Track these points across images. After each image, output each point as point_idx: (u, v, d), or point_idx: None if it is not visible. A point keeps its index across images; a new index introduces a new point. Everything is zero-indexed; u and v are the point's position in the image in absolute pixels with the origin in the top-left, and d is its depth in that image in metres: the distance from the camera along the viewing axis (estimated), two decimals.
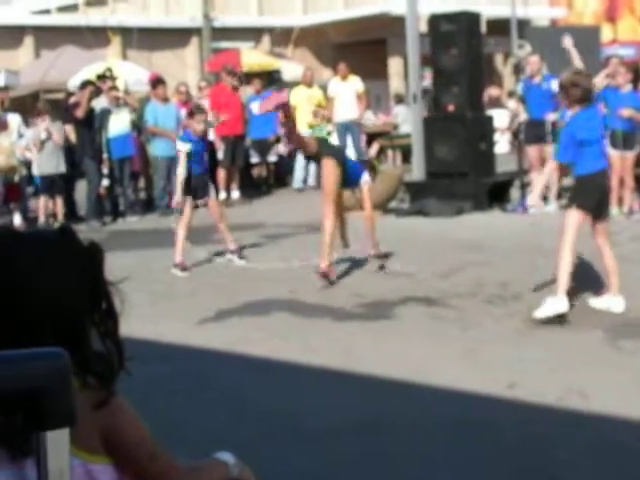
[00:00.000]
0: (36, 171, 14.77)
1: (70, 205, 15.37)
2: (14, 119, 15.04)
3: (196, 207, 10.60)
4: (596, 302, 7.85)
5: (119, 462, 2.09)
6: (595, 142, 7.75)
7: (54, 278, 2.02)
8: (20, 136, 14.69)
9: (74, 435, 1.96)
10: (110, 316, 2.11)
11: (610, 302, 7.75)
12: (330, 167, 9.45)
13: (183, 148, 10.51)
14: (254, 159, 18.40)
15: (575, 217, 7.56)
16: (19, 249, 2.04)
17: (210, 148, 12.81)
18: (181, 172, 10.46)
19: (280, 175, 19.14)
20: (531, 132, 13.89)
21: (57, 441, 1.29)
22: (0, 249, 2.02)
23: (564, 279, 7.46)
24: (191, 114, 10.78)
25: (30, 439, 1.91)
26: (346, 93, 17.72)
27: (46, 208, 14.78)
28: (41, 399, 1.28)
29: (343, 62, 18.17)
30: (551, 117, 13.54)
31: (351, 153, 17.84)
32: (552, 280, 7.86)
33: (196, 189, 10.50)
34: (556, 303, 7.41)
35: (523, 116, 14.33)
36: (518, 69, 15.97)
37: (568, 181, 8.33)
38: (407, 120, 18.96)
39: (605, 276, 7.95)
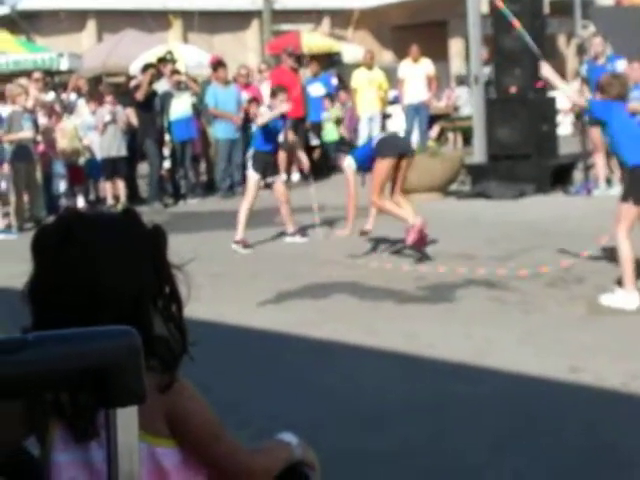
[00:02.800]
0: (99, 154, 14.94)
1: (132, 187, 15.53)
2: (81, 103, 15.27)
3: (266, 186, 10.70)
4: None
5: (184, 444, 2.10)
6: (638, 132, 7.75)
7: (118, 260, 2.03)
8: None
9: (140, 418, 1.98)
10: (174, 300, 2.11)
11: None
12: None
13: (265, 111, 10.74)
14: (314, 141, 18.39)
15: (631, 212, 7.52)
16: (83, 231, 2.05)
17: None
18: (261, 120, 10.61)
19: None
20: None
21: (127, 418, 1.31)
22: (66, 230, 2.04)
23: (629, 273, 7.41)
24: (273, 94, 10.95)
25: (94, 421, 1.93)
26: (417, 75, 17.63)
27: (110, 190, 14.96)
28: (112, 376, 1.29)
29: (415, 45, 18.04)
30: None
31: (416, 135, 17.81)
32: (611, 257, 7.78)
33: (266, 167, 10.59)
34: (626, 298, 7.36)
35: (588, 96, 14.12)
36: (581, 50, 15.73)
37: None
38: (468, 102, 18.82)
39: None
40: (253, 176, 10.73)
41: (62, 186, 14.19)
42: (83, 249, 2.01)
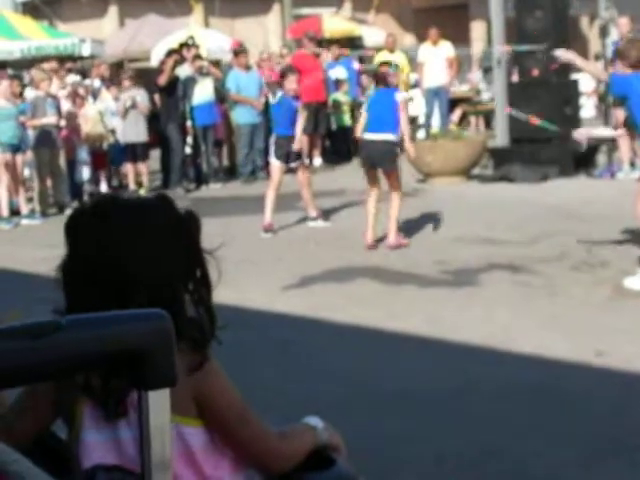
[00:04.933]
0: (121, 139, 14.98)
1: (165, 173, 15.53)
2: (103, 89, 15.32)
3: (289, 171, 10.73)
4: None
5: (210, 425, 2.12)
6: None
7: (151, 244, 2.06)
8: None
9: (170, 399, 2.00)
10: (204, 284, 2.14)
11: None
12: None
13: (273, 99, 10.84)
14: (334, 126, 18.36)
15: None
16: (118, 214, 2.08)
17: None
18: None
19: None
20: None
21: (158, 400, 1.32)
22: (102, 212, 2.07)
23: None
24: (283, 75, 10.96)
25: (124, 400, 1.95)
26: (436, 59, 17.54)
27: (132, 175, 15.01)
28: (144, 359, 1.30)
29: (434, 27, 17.95)
30: None
31: (437, 119, 17.73)
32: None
33: (289, 152, 10.61)
34: None
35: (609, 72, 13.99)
36: (604, 32, 15.62)
37: None
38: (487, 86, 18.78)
39: None
40: (275, 163, 10.76)
41: (86, 173, 14.23)
42: (118, 231, 2.04)
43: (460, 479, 4.36)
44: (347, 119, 17.81)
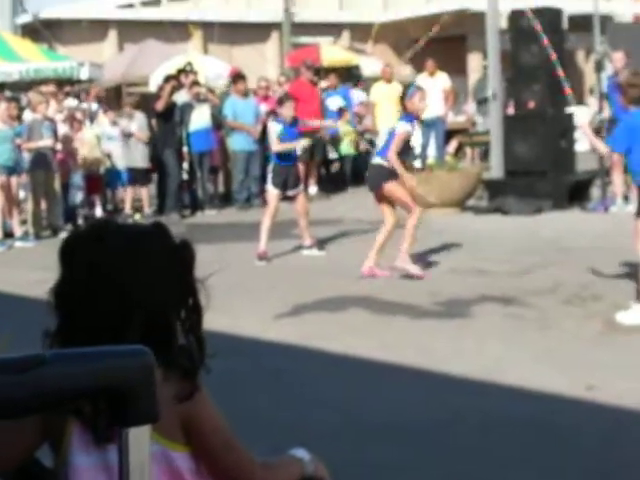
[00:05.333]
0: (119, 164, 15.02)
1: (161, 199, 15.57)
2: (100, 113, 15.37)
3: (286, 198, 10.75)
4: None
5: (196, 451, 2.12)
6: None
7: (145, 270, 2.07)
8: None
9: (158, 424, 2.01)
10: (195, 312, 2.15)
11: None
12: None
13: (275, 127, 10.80)
14: (332, 155, 18.41)
15: None
16: (114, 239, 2.09)
17: None
18: (277, 145, 10.71)
19: (357, 171, 19.12)
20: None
21: (139, 437, 1.32)
22: (97, 237, 2.08)
23: None
24: (280, 102, 11.03)
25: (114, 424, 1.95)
26: (433, 89, 17.59)
27: (130, 200, 15.05)
28: (126, 395, 1.31)
29: (430, 58, 18.04)
30: None
31: (433, 150, 17.77)
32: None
33: (286, 179, 10.65)
34: None
35: (607, 113, 14.08)
36: (599, 66, 15.71)
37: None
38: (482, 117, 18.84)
39: None
40: (273, 191, 10.78)
41: (79, 197, 14.25)
42: (113, 257, 2.05)
43: None
44: (347, 148, 17.87)
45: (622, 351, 6.72)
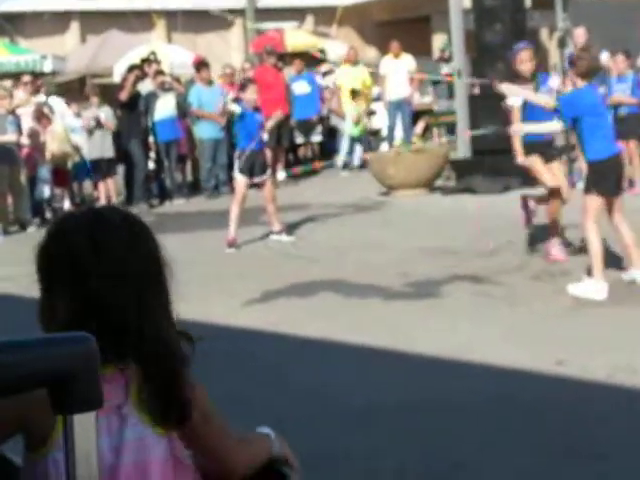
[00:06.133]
0: (87, 156, 14.93)
1: (129, 189, 15.49)
2: (58, 104, 15.21)
3: (253, 185, 10.72)
4: (626, 276, 7.82)
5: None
6: (603, 124, 7.87)
7: (118, 257, 2.05)
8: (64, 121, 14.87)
9: (149, 407, 2.02)
10: (167, 300, 2.14)
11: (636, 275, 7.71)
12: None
13: (235, 109, 10.78)
14: (299, 139, 18.40)
15: (595, 202, 7.66)
16: (75, 229, 2.07)
17: None
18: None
19: (325, 155, 19.13)
20: None
21: (84, 424, 1.31)
22: (92, 231, 2.06)
23: (598, 264, 7.52)
24: (242, 87, 11.00)
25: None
26: (398, 71, 17.60)
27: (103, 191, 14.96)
28: (68, 383, 1.30)
29: (395, 40, 18.03)
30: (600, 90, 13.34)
31: (400, 132, 17.79)
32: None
33: (253, 166, 10.62)
34: (595, 288, 7.44)
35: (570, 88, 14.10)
36: (563, 43, 15.77)
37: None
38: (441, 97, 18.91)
39: (625, 251, 7.90)
40: (240, 178, 10.75)
41: (46, 191, 14.15)
42: (80, 246, 2.02)
43: None
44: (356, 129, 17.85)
45: (591, 326, 6.77)
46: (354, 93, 17.60)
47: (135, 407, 2.03)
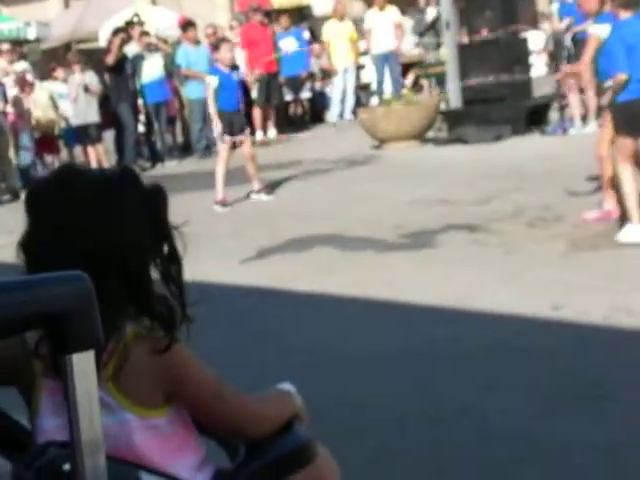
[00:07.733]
0: (74, 121, 14.84)
1: (119, 152, 15.42)
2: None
3: (234, 146, 10.65)
4: None
5: (185, 406, 2.08)
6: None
7: (116, 214, 2.00)
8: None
9: (129, 389, 1.96)
10: (173, 260, 2.09)
11: None
12: None
13: (212, 81, 10.63)
14: (288, 97, 18.31)
15: (627, 146, 7.31)
16: (81, 183, 2.03)
17: (244, 87, 12.84)
18: (212, 106, 10.58)
19: (315, 111, 19.04)
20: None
21: (83, 363, 1.31)
22: (63, 185, 2.01)
23: (635, 209, 7.26)
24: (216, 47, 10.91)
25: None
26: (384, 24, 17.45)
27: (94, 157, 14.87)
28: (64, 322, 1.29)
29: None
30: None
31: (389, 85, 17.70)
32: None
33: (232, 125, 10.56)
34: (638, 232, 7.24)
35: (562, 27, 13.87)
36: None
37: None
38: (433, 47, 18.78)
39: None
40: (221, 138, 10.71)
41: (28, 158, 14.01)
42: (79, 206, 1.97)
43: (424, 438, 4.39)
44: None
45: (586, 269, 6.78)
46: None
47: (111, 391, 1.97)
